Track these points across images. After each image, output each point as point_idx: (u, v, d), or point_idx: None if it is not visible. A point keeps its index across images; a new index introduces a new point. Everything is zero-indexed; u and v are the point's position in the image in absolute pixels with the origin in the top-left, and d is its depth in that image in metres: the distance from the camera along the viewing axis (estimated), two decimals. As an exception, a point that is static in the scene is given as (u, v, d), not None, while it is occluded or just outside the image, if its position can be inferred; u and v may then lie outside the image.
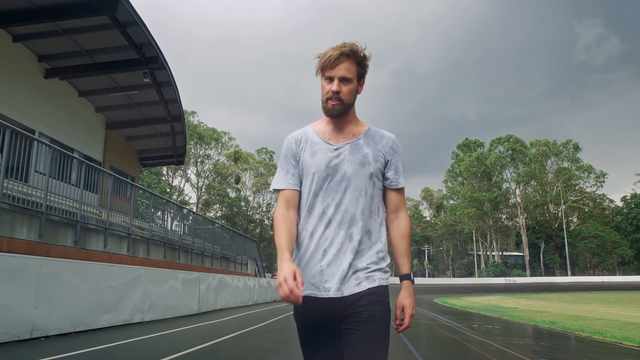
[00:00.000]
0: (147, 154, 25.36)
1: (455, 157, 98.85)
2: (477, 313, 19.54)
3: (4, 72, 15.24)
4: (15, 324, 6.62)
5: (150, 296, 10.55)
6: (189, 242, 17.89)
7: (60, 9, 13.96)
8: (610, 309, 23.89)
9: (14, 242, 7.68)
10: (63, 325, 7.68)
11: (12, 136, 8.42)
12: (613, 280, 72.75)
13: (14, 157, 8.48)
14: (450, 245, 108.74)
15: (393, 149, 1.94)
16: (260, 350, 7.32)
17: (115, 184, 13.09)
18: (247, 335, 9.33)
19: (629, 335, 11.03)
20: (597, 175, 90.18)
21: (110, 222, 11.54)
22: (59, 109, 18.00)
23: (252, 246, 30.62)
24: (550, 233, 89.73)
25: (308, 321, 1.85)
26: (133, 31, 15.42)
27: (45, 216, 8.85)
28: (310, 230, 1.85)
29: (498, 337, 10.12)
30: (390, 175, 1.93)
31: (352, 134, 1.93)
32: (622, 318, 17.39)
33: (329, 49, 1.85)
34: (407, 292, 1.84)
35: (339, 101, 1.85)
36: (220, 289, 15.83)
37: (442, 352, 8.17)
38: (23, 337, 6.81)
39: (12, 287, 6.51)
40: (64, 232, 9.65)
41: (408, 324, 1.81)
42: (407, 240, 1.93)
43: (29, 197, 8.54)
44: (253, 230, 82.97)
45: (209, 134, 77.54)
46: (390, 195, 1.95)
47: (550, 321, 15.16)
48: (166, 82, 18.75)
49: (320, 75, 1.90)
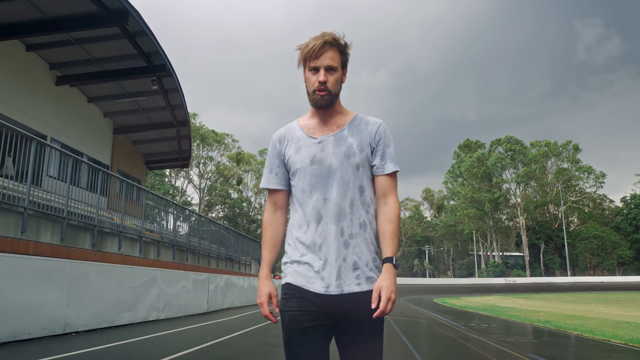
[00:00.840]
0: (152, 157, 25.92)
1: (457, 158, 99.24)
2: (475, 313, 20.03)
3: (18, 80, 15.79)
4: (50, 320, 7.27)
5: (164, 296, 11.18)
6: (195, 244, 18.48)
7: (73, 20, 14.51)
8: (607, 308, 24.38)
9: (40, 245, 8.25)
10: (90, 322, 8.33)
11: (24, 142, 8.93)
12: (613, 280, 73.04)
13: (27, 162, 9.03)
14: (450, 245, 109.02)
15: (378, 134, 1.91)
16: (267, 345, 7.95)
17: (128, 188, 13.65)
18: (254, 332, 9.94)
19: (620, 333, 11.54)
20: (597, 176, 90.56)
21: (124, 225, 12.13)
22: (69, 114, 18.56)
23: (255, 247, 31.22)
24: (550, 233, 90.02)
25: (300, 316, 1.78)
26: (142, 41, 15.97)
27: (67, 221, 9.43)
28: (302, 226, 1.85)
29: (493, 335, 10.65)
30: (376, 161, 1.89)
31: (337, 125, 1.91)
32: (616, 318, 17.88)
33: (311, 39, 1.84)
34: (387, 274, 1.74)
35: (327, 91, 1.84)
36: (227, 289, 16.44)
37: (438, 348, 8.71)
38: (57, 333, 7.47)
39: (47, 288, 7.16)
40: (82, 236, 10.24)
41: (384, 309, 1.68)
42: (394, 223, 1.84)
43: (51, 202, 9.11)
44: (255, 230, 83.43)
45: (211, 136, 78.06)
46: (378, 181, 1.90)
47: (545, 320, 15.66)
48: (173, 89, 19.30)
49: (303, 67, 1.88)
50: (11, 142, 8.51)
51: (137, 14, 14.53)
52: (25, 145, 8.88)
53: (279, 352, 7.19)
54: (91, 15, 14.36)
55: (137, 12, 14.56)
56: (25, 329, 6.79)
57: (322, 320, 1.77)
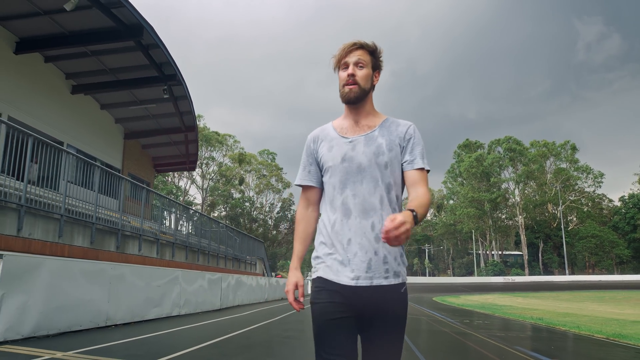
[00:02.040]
0: (161, 161, 26.83)
1: (457, 157, 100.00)
2: (472, 310, 20.62)
3: (37, 89, 16.64)
4: (95, 314, 8.29)
5: (184, 293, 12.17)
6: (205, 245, 19.41)
7: (91, 34, 15.38)
8: (601, 306, 24.85)
9: (74, 248, 9.16)
10: (126, 316, 9.34)
11: (44, 148, 9.58)
12: (611, 279, 73.57)
13: (59, 169, 9.90)
14: (450, 244, 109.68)
15: (408, 133, 1.98)
16: (281, 337, 8.94)
17: (137, 192, 14.53)
18: (268, 325, 10.93)
19: (606, 329, 12.23)
20: (595, 175, 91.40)
21: (143, 229, 13.04)
22: (83, 121, 19.43)
23: (260, 247, 32.18)
24: (549, 233, 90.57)
25: (329, 306, 1.85)
26: (154, 52, 16.84)
27: (95, 226, 10.34)
28: (332, 221, 1.92)
29: (485, 331, 11.47)
30: (406, 157, 1.96)
31: (368, 127, 1.98)
32: (608, 315, 18.40)
33: (342, 45, 1.98)
34: (404, 213, 1.64)
35: (356, 84, 1.93)
36: (238, 288, 17.44)
37: (433, 342, 9.56)
38: (100, 325, 8.50)
39: (93, 286, 8.14)
40: (108, 239, 11.16)
41: (391, 226, 1.52)
42: (422, 199, 1.84)
43: (83, 209, 10.01)
44: (257, 230, 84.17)
45: (215, 137, 78.91)
46: (407, 175, 1.95)
47: (537, 317, 16.33)
48: (182, 96, 20.18)
49: (337, 70, 2.00)
50: (35, 149, 9.18)
51: (150, 29, 15.39)
52: (49, 152, 9.65)
53: (292, 342, 8.10)
54: (108, 30, 15.23)
55: (151, 26, 15.42)
56: (77, 321, 7.81)
57: (350, 312, 1.84)
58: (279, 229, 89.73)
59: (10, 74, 15.26)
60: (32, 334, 6.69)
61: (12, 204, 8.14)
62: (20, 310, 6.40)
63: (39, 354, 5.61)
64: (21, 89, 15.80)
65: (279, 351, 7.16)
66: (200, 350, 6.69)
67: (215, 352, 6.57)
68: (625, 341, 9.79)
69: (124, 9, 14.13)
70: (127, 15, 14.53)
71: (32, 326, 6.65)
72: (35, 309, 6.66)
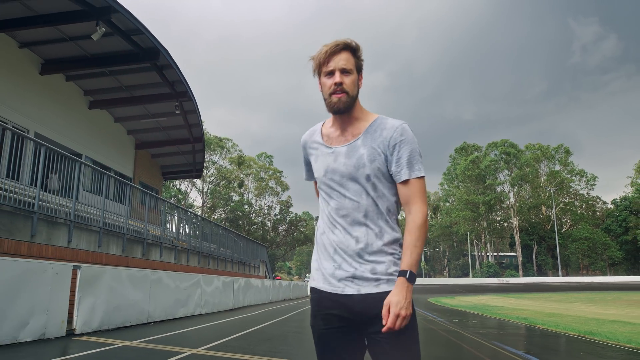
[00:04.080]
0: (169, 169, 28.26)
1: (453, 160, 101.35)
2: (464, 311, 21.55)
3: (58, 106, 17.92)
4: (139, 313, 9.84)
5: (204, 295, 13.69)
6: (215, 250, 20.84)
7: (111, 57, 16.72)
8: (588, 307, 25.61)
9: (110, 256, 10.56)
10: (161, 314, 10.89)
11: (63, 160, 10.47)
12: (603, 280, 74.60)
13: (64, 177, 11.07)
14: (446, 246, 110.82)
15: (393, 139, 1.81)
16: (293, 332, 10.47)
17: (150, 200, 15.91)
18: (279, 322, 12.45)
19: (582, 328, 13.22)
20: (589, 178, 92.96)
21: (163, 237, 14.46)
22: (99, 134, 20.76)
23: (263, 251, 33.63)
24: (543, 235, 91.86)
25: (326, 320, 1.83)
26: (168, 72, 18.19)
27: (126, 236, 11.74)
28: (322, 230, 1.89)
29: (470, 329, 12.71)
30: (393, 169, 1.81)
31: (352, 135, 1.86)
32: (591, 315, 19.07)
33: (322, 46, 1.83)
34: (398, 288, 1.68)
35: (344, 93, 1.79)
36: (247, 289, 18.94)
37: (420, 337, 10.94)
38: (143, 322, 10.09)
39: (137, 290, 9.64)
40: (135, 247, 12.57)
41: (392, 325, 1.63)
42: (414, 233, 1.75)
43: (116, 222, 11.41)
44: (255, 232, 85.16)
45: (215, 142, 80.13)
46: (399, 189, 1.83)
47: (523, 317, 17.34)
48: (191, 111, 21.56)
49: (318, 74, 1.86)
50: (55, 161, 9.99)
51: (166, 52, 16.73)
52: (69, 164, 10.60)
53: (303, 336, 9.55)
54: (128, 53, 16.57)
55: (166, 49, 16.76)
56: (127, 318, 9.37)
57: (349, 323, 1.78)
58: (277, 231, 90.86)
59: (35, 93, 16.55)
60: (99, 328, 8.28)
61: (61, 219, 9.54)
62: (91, 309, 7.98)
63: (112, 343, 7.15)
64: (45, 106, 17.08)
65: (293, 342, 8.79)
66: (230, 341, 8.21)
67: (242, 343, 8.02)
68: (593, 337, 10.85)
69: (143, 35, 15.48)
70: (145, 41, 15.88)
71: (98, 322, 8.22)
72: (100, 308, 8.23)
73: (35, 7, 13.70)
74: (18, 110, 15.58)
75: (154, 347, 6.99)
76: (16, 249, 7.84)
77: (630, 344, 9.54)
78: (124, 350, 6.69)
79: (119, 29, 15.01)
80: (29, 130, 16.00)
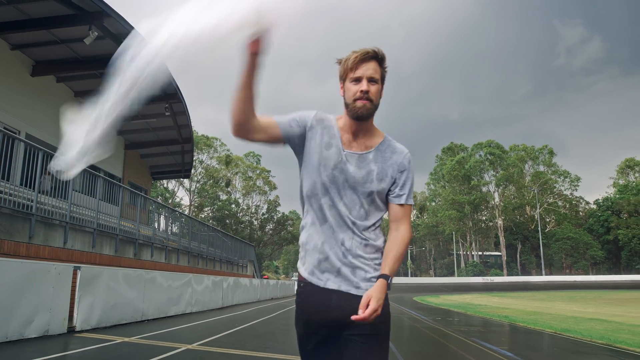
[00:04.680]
0: (158, 169, 28.44)
1: (439, 160, 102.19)
2: (448, 309, 22.12)
3: (48, 107, 18.00)
4: (134, 311, 10.22)
5: (195, 294, 14.07)
6: (204, 250, 21.16)
7: (101, 59, 16.91)
8: (569, 305, 26.19)
9: (103, 257, 10.88)
10: (154, 312, 11.25)
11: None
12: (585, 279, 75.62)
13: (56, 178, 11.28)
14: (432, 245, 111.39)
15: (403, 165, 1.89)
16: (281, 329, 10.90)
17: (137, 200, 16.15)
18: (267, 321, 12.91)
19: (560, 325, 13.71)
20: (572, 179, 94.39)
21: (154, 237, 14.78)
22: (89, 135, 20.90)
23: (250, 250, 33.96)
24: (527, 234, 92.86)
25: (309, 318, 1.85)
26: (159, 74, 18.42)
27: (119, 237, 12.06)
28: (311, 220, 1.88)
29: (452, 326, 13.23)
30: (396, 191, 1.88)
31: (365, 145, 1.88)
32: (571, 313, 19.53)
33: (352, 52, 1.83)
34: (379, 287, 1.74)
35: (369, 100, 1.80)
36: (236, 288, 19.34)
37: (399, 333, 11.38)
38: (138, 320, 10.45)
39: (132, 289, 10.02)
40: (128, 248, 12.88)
41: (367, 317, 1.66)
42: (401, 248, 1.84)
43: (108, 223, 11.73)
44: (243, 231, 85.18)
45: (203, 141, 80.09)
46: (392, 209, 1.89)
47: (504, 315, 17.87)
48: (181, 112, 21.80)
49: (343, 79, 1.86)
50: (47, 162, 10.07)
51: (157, 55, 16.97)
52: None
53: (290, 333, 9.92)
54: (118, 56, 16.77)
55: (157, 53, 17.01)
56: (123, 316, 9.76)
57: (330, 323, 1.81)
58: (264, 231, 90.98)
59: (26, 94, 16.67)
60: (97, 325, 8.67)
61: (57, 221, 9.86)
62: (90, 307, 8.35)
63: (111, 339, 7.53)
64: (36, 107, 17.19)
65: (281, 338, 9.31)
66: (222, 337, 8.66)
67: (233, 339, 8.46)
68: (568, 335, 11.34)
69: (134, 39, 15.71)
70: (136, 44, 16.08)
71: (97, 319, 8.60)
72: (99, 306, 8.61)
73: (29, 10, 13.91)
74: (9, 112, 15.75)
75: (151, 343, 7.38)
76: (15, 250, 8.16)
77: (602, 340, 10.05)
78: (124, 346, 7.07)
79: (110, 32, 15.24)
80: (19, 131, 16.17)
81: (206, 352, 6.79)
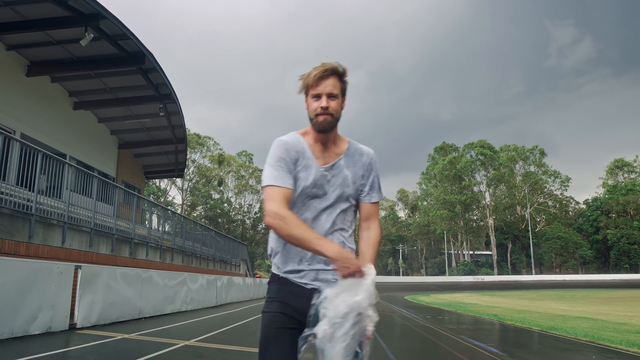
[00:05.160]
0: (151, 169, 28.60)
1: (432, 160, 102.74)
2: (439, 308, 22.31)
3: (43, 107, 18.16)
4: (131, 309, 10.44)
5: (190, 292, 14.30)
6: (198, 249, 21.36)
7: (97, 60, 17.07)
8: (557, 304, 26.38)
9: (100, 256, 11.07)
10: (151, 310, 11.48)
11: (50, 160, 10.79)
12: (574, 278, 76.35)
13: (51, 177, 11.40)
14: (424, 244, 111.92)
15: (371, 165, 2.02)
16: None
17: (130, 199, 16.32)
18: (260, 319, 12.96)
19: (547, 323, 14.01)
20: (563, 180, 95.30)
21: (150, 237, 14.97)
22: (82, 134, 21.02)
23: (243, 249, 34.16)
24: (518, 234, 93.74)
25: (287, 301, 1.91)
26: (153, 75, 18.58)
27: (115, 237, 12.25)
28: None
29: (442, 324, 13.50)
30: (365, 189, 2.00)
31: (335, 154, 1.99)
32: (559, 312, 19.68)
33: (312, 69, 1.91)
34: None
35: (329, 115, 1.89)
36: (229, 287, 19.60)
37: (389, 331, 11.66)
38: (135, 317, 10.70)
39: (130, 288, 10.23)
40: (123, 247, 13.07)
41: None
42: (374, 247, 1.96)
43: (105, 222, 11.92)
44: (235, 230, 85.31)
45: (195, 140, 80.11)
46: (363, 207, 2.02)
47: (494, 314, 18.11)
48: (175, 112, 21.95)
49: (305, 94, 1.95)
50: (44, 162, 10.32)
51: (151, 56, 17.14)
52: (55, 165, 10.90)
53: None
54: (113, 57, 16.94)
55: (152, 54, 17.17)
56: (121, 314, 10.00)
57: (298, 320, 1.86)
58: (257, 229, 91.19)
59: (21, 94, 16.78)
60: (97, 322, 8.90)
61: (55, 220, 10.04)
62: (90, 305, 8.58)
63: (111, 336, 7.79)
64: (31, 107, 17.32)
65: None
66: (218, 334, 8.94)
67: (229, 336, 8.72)
68: (554, 332, 11.62)
69: (129, 40, 15.89)
70: (131, 45, 16.27)
71: (96, 317, 8.82)
72: (98, 304, 8.84)
73: (25, 12, 14.04)
74: (4, 112, 15.87)
75: (150, 339, 7.63)
76: (15, 250, 8.33)
77: (587, 338, 10.36)
78: (124, 342, 7.30)
79: (106, 34, 15.39)
80: (15, 131, 16.29)
81: (203, 348, 7.03)
